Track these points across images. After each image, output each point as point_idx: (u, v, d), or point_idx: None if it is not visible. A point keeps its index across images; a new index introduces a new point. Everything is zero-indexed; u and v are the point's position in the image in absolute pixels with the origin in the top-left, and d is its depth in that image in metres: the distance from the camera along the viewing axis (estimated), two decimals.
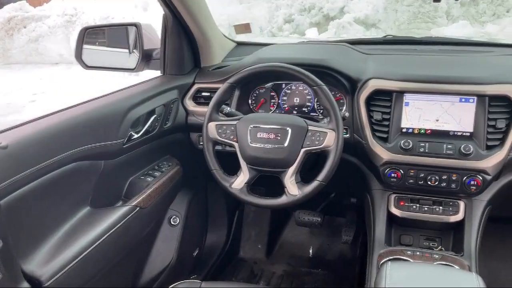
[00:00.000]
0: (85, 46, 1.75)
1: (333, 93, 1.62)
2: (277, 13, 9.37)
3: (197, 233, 2.18)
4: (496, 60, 1.63)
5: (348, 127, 1.59)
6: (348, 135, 1.59)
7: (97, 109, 1.38)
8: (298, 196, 1.40)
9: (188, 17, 1.66)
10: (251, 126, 1.44)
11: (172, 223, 1.87)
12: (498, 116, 1.42)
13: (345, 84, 1.60)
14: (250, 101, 1.78)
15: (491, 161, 1.40)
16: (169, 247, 1.86)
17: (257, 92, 1.78)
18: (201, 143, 1.53)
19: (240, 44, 2.09)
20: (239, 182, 1.46)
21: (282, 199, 1.42)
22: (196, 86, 1.78)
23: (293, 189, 1.41)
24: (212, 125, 1.49)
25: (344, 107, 1.63)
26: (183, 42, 1.76)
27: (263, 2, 9.78)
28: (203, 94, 1.77)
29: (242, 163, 1.46)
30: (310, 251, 2.40)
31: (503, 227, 2.14)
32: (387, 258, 1.39)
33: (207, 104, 1.53)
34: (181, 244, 1.89)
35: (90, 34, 1.77)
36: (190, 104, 1.77)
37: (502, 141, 1.41)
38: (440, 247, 1.53)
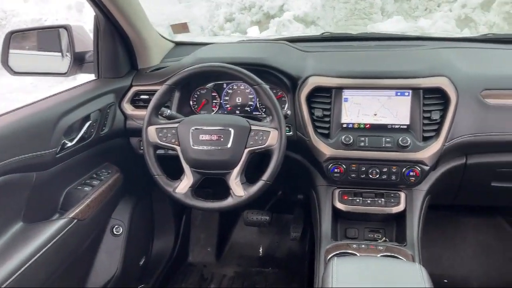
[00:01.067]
0: (12, 50, 1.65)
1: (274, 91, 1.62)
2: (217, 12, 9.33)
3: (143, 241, 2.11)
4: (429, 53, 1.69)
5: (291, 125, 1.59)
6: (291, 133, 1.59)
7: (25, 118, 1.29)
8: (244, 197, 1.39)
9: (120, 17, 1.59)
10: (193, 128, 1.41)
11: (115, 232, 1.80)
12: (432, 108, 1.47)
13: (285, 82, 1.60)
14: (191, 103, 1.75)
15: (428, 152, 1.45)
16: (113, 258, 1.79)
17: (198, 93, 1.74)
18: (142, 148, 1.48)
19: (178, 44, 2.04)
20: (183, 186, 1.42)
21: (228, 201, 1.40)
22: (133, 89, 1.72)
23: (238, 190, 1.39)
24: (152, 129, 1.44)
25: (286, 105, 1.63)
26: (117, 43, 1.69)
27: (203, 1, 9.71)
28: (142, 97, 1.71)
29: (185, 167, 1.42)
30: (260, 250, 2.40)
31: (443, 214, 2.23)
32: (334, 253, 1.40)
33: (146, 107, 1.47)
34: (126, 254, 1.82)
35: (18, 38, 1.67)
36: (128, 108, 1.70)
37: (438, 132, 1.46)
38: (384, 238, 1.57)
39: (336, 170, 1.52)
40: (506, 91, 1.50)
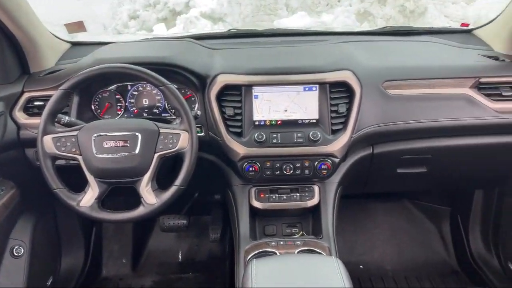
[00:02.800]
0: None
1: (182, 91, 1.56)
2: (120, 9, 8.93)
3: (49, 260, 1.94)
4: (333, 48, 1.73)
5: (202, 125, 1.54)
6: (203, 134, 1.54)
7: None
8: (157, 205, 1.31)
9: (4, 16, 1.43)
10: (95, 135, 1.30)
11: (15, 254, 1.63)
12: (339, 101, 1.51)
13: (194, 81, 1.54)
14: (93, 107, 1.62)
15: (337, 145, 1.48)
16: (15, 281, 1.62)
17: (100, 97, 1.62)
18: (39, 160, 1.34)
19: (75, 44, 1.89)
20: (88, 198, 1.32)
21: (139, 211, 1.32)
22: (26, 95, 1.56)
23: (150, 198, 1.31)
24: (48, 139, 1.31)
25: (196, 105, 1.58)
26: (3, 46, 1.52)
27: None
28: (36, 103, 1.56)
29: (90, 177, 1.32)
30: (179, 255, 2.32)
31: (354, 202, 2.32)
32: (253, 253, 1.39)
33: (41, 114, 1.34)
34: (29, 276, 1.66)
35: None
36: (21, 117, 1.54)
37: (345, 124, 1.50)
38: (301, 232, 1.58)
39: (251, 168, 1.50)
40: (405, 81, 1.57)
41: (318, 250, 1.40)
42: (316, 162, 1.50)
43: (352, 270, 2.14)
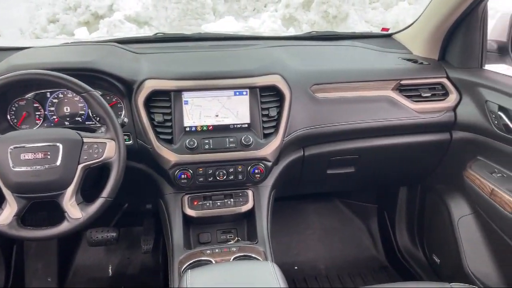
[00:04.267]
0: None
1: (107, 98, 1.49)
2: (38, 12, 8.46)
3: None
4: (261, 52, 1.74)
5: (130, 133, 1.48)
6: (131, 142, 1.48)
7: None
8: (82, 219, 1.24)
9: None
10: (12, 147, 1.21)
11: None
12: (269, 105, 1.51)
13: (119, 87, 1.48)
14: (9, 117, 1.50)
15: (270, 148, 1.49)
16: None
17: (16, 105, 1.51)
18: None
19: None
20: (5, 216, 1.21)
21: (64, 226, 1.24)
22: None
23: (74, 212, 1.24)
24: None
25: (123, 112, 1.51)
26: None
27: (22, 2, 8.70)
28: None
29: (6, 193, 1.21)
30: (110, 270, 2.22)
31: (287, 204, 2.35)
32: (188, 263, 1.35)
33: None
34: None
35: None
36: None
37: (276, 128, 1.51)
38: (237, 238, 1.57)
39: (183, 176, 1.46)
40: (331, 85, 1.62)
41: (254, 255, 1.40)
42: (249, 167, 1.50)
43: (288, 272, 2.16)
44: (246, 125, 1.50)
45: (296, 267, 2.24)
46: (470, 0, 1.54)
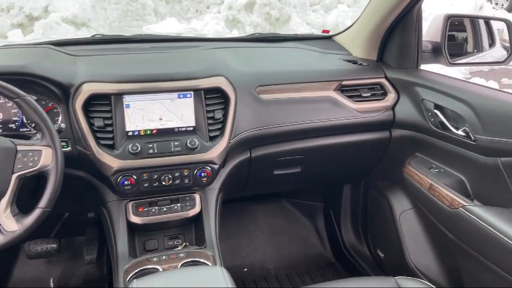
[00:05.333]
0: None
1: (43, 103, 1.42)
2: None
3: None
4: (205, 54, 1.72)
5: (68, 139, 1.41)
6: (69, 148, 1.41)
7: None
8: (18, 231, 1.16)
9: None
10: None
11: None
12: (214, 108, 1.50)
13: (55, 91, 1.41)
14: None
15: (216, 151, 1.47)
16: None
17: None
18: None
19: None
20: None
21: None
22: None
23: (10, 224, 1.16)
24: None
25: (60, 118, 1.44)
26: None
27: None
28: None
29: None
30: (51, 283, 2.11)
31: (235, 206, 2.34)
32: (134, 272, 1.31)
33: None
34: None
35: None
36: None
37: (222, 130, 1.49)
38: (184, 243, 1.54)
39: (126, 182, 1.41)
40: (276, 86, 1.63)
41: (202, 260, 1.37)
42: (196, 170, 1.47)
43: (237, 274, 2.16)
44: (191, 128, 1.48)
45: (245, 269, 2.24)
46: (405, 2, 1.60)
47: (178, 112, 1.46)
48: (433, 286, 1.21)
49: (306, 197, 2.46)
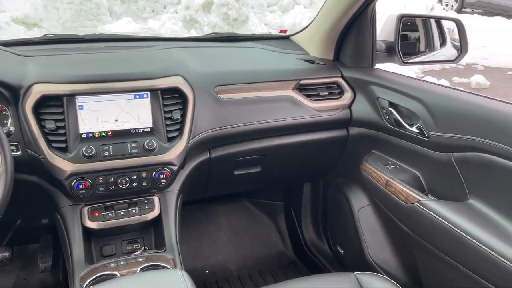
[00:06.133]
0: None
1: None
2: None
3: None
4: (162, 54, 1.70)
5: (17, 142, 1.35)
6: (19, 153, 1.35)
7: None
8: None
9: None
10: None
11: None
12: (172, 108, 1.47)
13: (3, 93, 1.34)
14: None
15: (175, 152, 1.45)
16: None
17: None
18: None
19: None
20: None
21: None
22: None
23: None
24: None
25: (9, 120, 1.37)
26: None
27: None
28: None
29: None
30: None
31: (196, 207, 2.32)
32: (90, 279, 1.27)
33: None
34: None
35: None
36: None
37: (181, 131, 1.47)
38: (143, 247, 1.50)
39: (81, 186, 1.36)
40: (235, 85, 1.62)
41: (162, 264, 1.35)
42: (154, 172, 1.44)
43: (199, 276, 2.13)
44: (149, 129, 1.45)
45: (207, 271, 2.22)
46: (359, 3, 1.63)
47: (135, 113, 1.43)
48: (391, 280, 1.24)
49: (267, 196, 2.46)
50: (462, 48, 1.80)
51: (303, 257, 2.32)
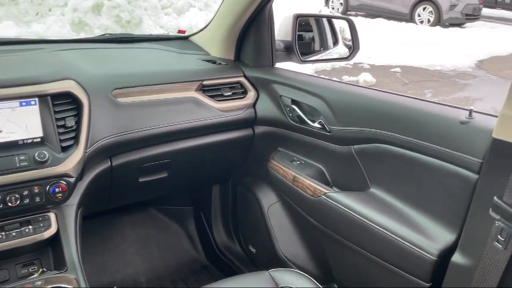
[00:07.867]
0: None
1: None
2: None
3: None
4: (50, 56, 1.56)
5: None
6: None
7: None
8: None
9: None
10: None
11: None
12: (65, 115, 1.36)
13: None
14: None
15: (71, 163, 1.33)
16: None
17: None
18: None
19: None
20: None
21: None
22: None
23: None
24: None
25: None
26: None
27: None
28: None
29: None
30: None
31: (98, 221, 2.17)
32: None
33: None
34: None
35: None
36: None
37: (76, 139, 1.36)
38: (41, 269, 1.36)
39: None
40: (134, 88, 1.54)
41: (64, 285, 1.23)
42: (48, 186, 1.31)
43: None
44: (39, 139, 1.31)
45: (115, 287, 2.09)
46: (256, 3, 1.64)
47: (22, 122, 1.29)
48: (304, 274, 1.26)
49: (175, 202, 2.39)
50: (354, 46, 1.90)
51: (215, 261, 2.29)
